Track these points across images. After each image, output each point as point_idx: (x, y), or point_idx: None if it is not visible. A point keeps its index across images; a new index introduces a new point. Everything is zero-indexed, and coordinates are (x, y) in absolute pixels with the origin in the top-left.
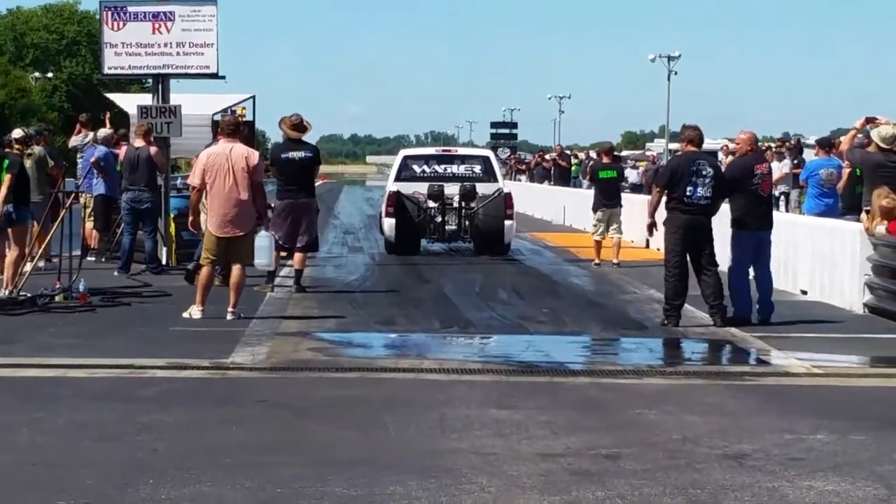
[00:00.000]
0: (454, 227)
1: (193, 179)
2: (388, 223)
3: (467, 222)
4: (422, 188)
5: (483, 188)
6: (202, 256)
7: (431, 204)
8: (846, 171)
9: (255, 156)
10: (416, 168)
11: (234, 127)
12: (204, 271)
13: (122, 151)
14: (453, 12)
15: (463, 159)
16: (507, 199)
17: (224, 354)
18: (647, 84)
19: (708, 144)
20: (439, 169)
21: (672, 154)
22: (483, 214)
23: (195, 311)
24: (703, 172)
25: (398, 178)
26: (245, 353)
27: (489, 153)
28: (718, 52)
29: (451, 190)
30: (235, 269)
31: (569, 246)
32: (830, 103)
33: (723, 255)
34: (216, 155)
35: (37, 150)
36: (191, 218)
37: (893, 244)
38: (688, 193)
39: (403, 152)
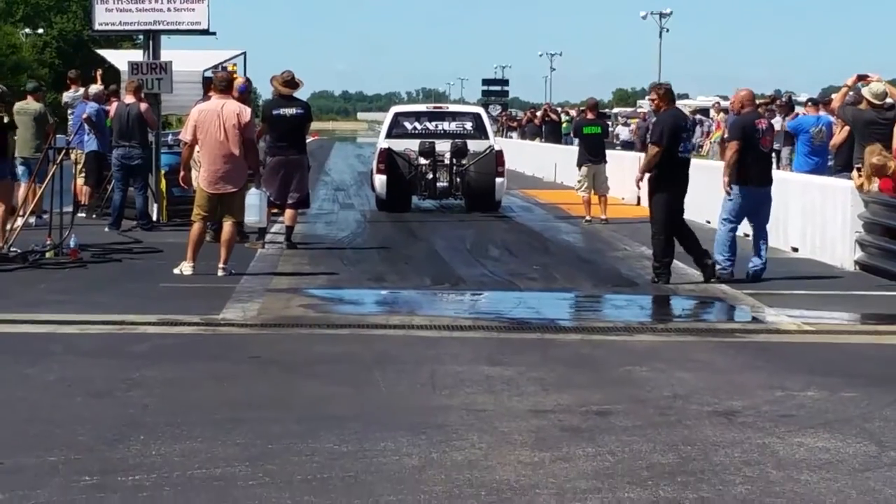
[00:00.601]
0: (445, 184)
1: (185, 135)
2: (380, 180)
3: (458, 179)
4: (413, 145)
5: (474, 145)
6: (193, 213)
7: (423, 161)
8: (845, 129)
9: (246, 112)
10: (408, 125)
11: (227, 83)
12: (195, 227)
13: (112, 108)
14: None
15: (454, 116)
16: (498, 157)
17: (215, 311)
18: (638, 41)
19: (700, 102)
20: (430, 126)
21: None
22: (474, 171)
23: (186, 268)
24: (687, 127)
25: (389, 135)
26: (236, 309)
27: (480, 110)
28: (710, 10)
29: (443, 147)
30: (226, 226)
31: (559, 203)
32: (822, 61)
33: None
34: (208, 111)
35: (37, 106)
36: (182, 173)
37: (885, 201)
38: (680, 150)
39: (394, 109)
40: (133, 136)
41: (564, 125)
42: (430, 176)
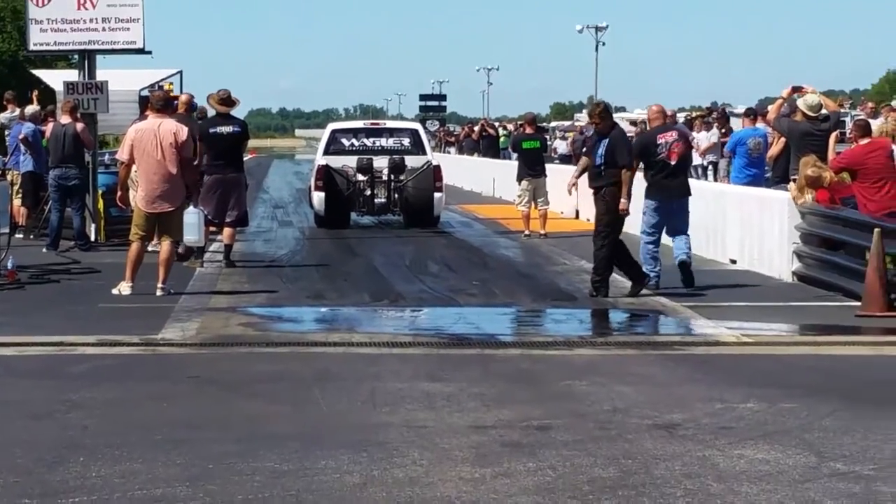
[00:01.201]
0: (383, 200)
1: (122, 154)
2: (318, 197)
3: (396, 195)
4: (351, 162)
5: (412, 161)
6: (132, 232)
7: (360, 177)
8: (781, 141)
9: (183, 131)
10: (345, 141)
11: (164, 102)
12: (133, 247)
13: (48, 128)
14: None
15: (391, 132)
16: (435, 172)
17: (154, 330)
18: (575, 55)
19: (637, 115)
20: (368, 142)
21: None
22: (412, 187)
23: (125, 288)
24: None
25: (327, 152)
26: (175, 328)
27: (417, 126)
28: (646, 23)
29: (380, 163)
30: (164, 245)
31: (498, 217)
32: (758, 73)
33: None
34: (145, 130)
35: None
36: (119, 193)
37: (821, 212)
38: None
39: (332, 126)
40: (69, 157)
41: (502, 140)
42: (368, 192)
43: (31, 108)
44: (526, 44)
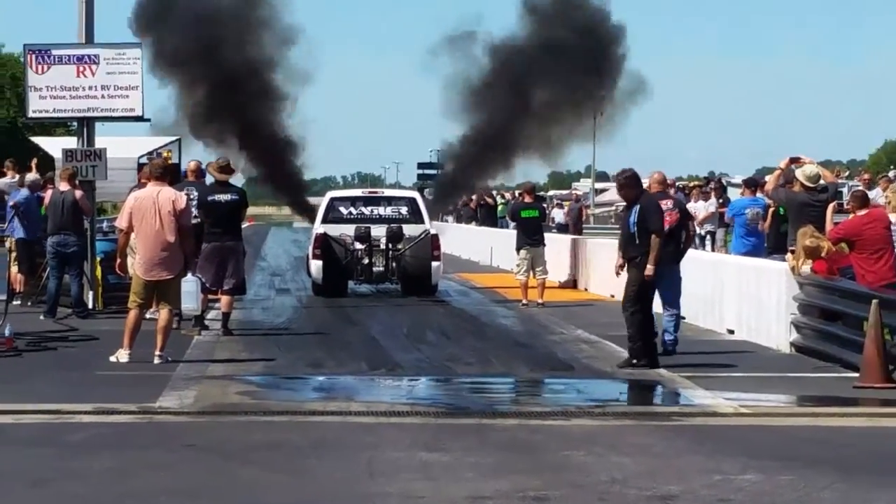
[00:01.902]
0: (381, 269)
1: (121, 222)
2: (315, 265)
3: (394, 264)
4: (349, 230)
5: (410, 229)
6: (130, 300)
7: (358, 245)
8: (770, 211)
9: (182, 199)
10: (343, 210)
11: (163, 170)
12: (131, 315)
13: (47, 195)
14: (378, 51)
15: (389, 201)
16: (433, 241)
17: (151, 398)
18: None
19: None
20: (366, 211)
21: (594, 194)
22: (410, 256)
23: (122, 355)
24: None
25: (325, 220)
26: (172, 396)
27: (415, 194)
28: (643, 92)
29: (378, 231)
30: (163, 313)
31: (496, 286)
32: (755, 143)
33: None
34: (143, 198)
35: None
36: (118, 261)
37: (819, 283)
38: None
39: (330, 194)
40: (68, 224)
41: (500, 208)
42: (366, 261)
43: (31, 176)
44: None
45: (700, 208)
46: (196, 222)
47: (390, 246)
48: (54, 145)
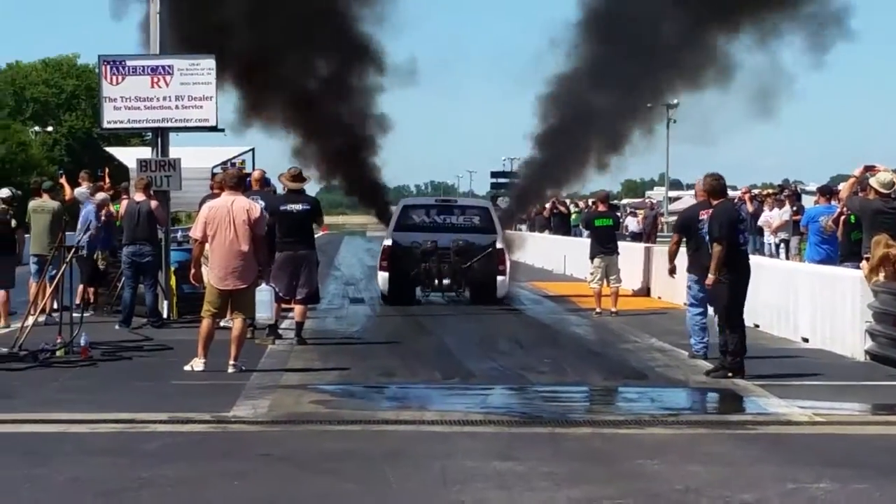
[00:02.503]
0: (448, 281)
1: (195, 232)
2: (382, 277)
3: (461, 277)
4: (420, 238)
5: (480, 239)
6: (203, 309)
7: (426, 259)
8: (842, 219)
9: (256, 209)
10: (416, 217)
11: (237, 180)
12: (205, 324)
13: (123, 205)
14: (450, 62)
15: (462, 210)
16: (499, 255)
17: (225, 408)
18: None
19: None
20: (438, 219)
21: (667, 202)
22: (476, 269)
23: (197, 364)
24: (742, 217)
25: (398, 228)
26: (246, 406)
27: (488, 204)
28: (717, 98)
29: (446, 243)
30: (237, 322)
31: (569, 295)
32: (830, 150)
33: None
34: (218, 208)
35: (54, 204)
36: (192, 271)
37: (894, 291)
38: (741, 241)
39: (403, 202)
40: (143, 234)
41: (573, 217)
42: (434, 272)
43: (102, 196)
44: None
45: (774, 216)
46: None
47: (457, 258)
48: (129, 155)
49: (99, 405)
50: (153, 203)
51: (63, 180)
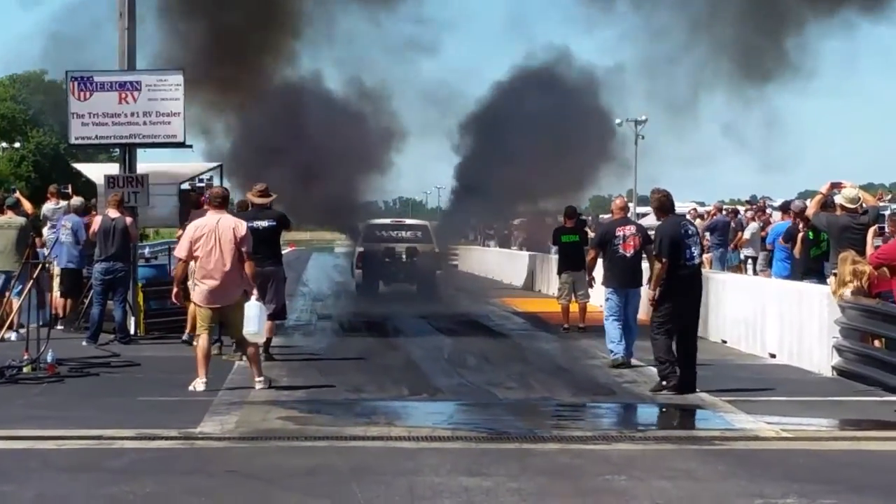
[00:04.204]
0: (402, 275)
1: (180, 251)
2: (358, 273)
3: (411, 272)
4: (380, 247)
5: (422, 247)
6: (198, 326)
7: (387, 259)
8: (800, 236)
9: (242, 227)
10: (377, 233)
11: (222, 199)
12: (201, 342)
13: (95, 221)
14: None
15: (409, 227)
16: (436, 256)
17: (193, 424)
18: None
19: (677, 208)
20: (393, 234)
21: (636, 218)
22: (420, 267)
23: (199, 385)
24: (690, 232)
25: (366, 240)
26: (214, 422)
27: (427, 223)
28: (685, 116)
29: (400, 248)
30: (249, 349)
31: (537, 311)
32: (796, 166)
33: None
34: (203, 226)
35: (21, 220)
36: (174, 289)
37: (861, 307)
38: (687, 257)
39: (368, 222)
40: (117, 250)
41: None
42: (392, 270)
43: (77, 200)
44: None
45: (752, 230)
46: None
47: (408, 259)
48: (96, 171)
49: (66, 422)
50: (128, 219)
51: (18, 195)
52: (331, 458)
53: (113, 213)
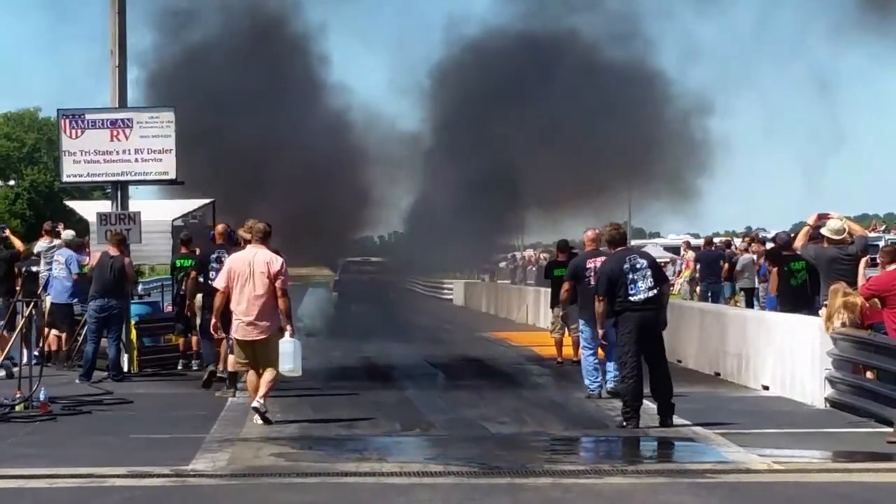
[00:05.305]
0: (365, 297)
1: (218, 282)
2: (335, 295)
3: (371, 296)
4: (350, 277)
5: (379, 278)
6: (236, 363)
7: (354, 286)
8: (773, 270)
9: (277, 262)
10: (350, 267)
11: (263, 234)
12: (249, 378)
13: (94, 258)
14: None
15: (372, 264)
16: (388, 284)
17: (185, 461)
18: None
19: (670, 240)
20: (361, 268)
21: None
22: (377, 291)
23: (255, 402)
24: (638, 266)
25: (342, 272)
26: (206, 459)
27: (384, 260)
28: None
29: (364, 278)
30: (266, 372)
31: (531, 344)
32: (791, 197)
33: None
34: (240, 260)
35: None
36: (213, 320)
37: (853, 338)
38: (630, 292)
39: (344, 259)
40: (113, 288)
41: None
42: (358, 292)
43: (69, 234)
44: None
45: (739, 262)
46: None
47: (370, 285)
48: (89, 209)
49: (58, 460)
50: (126, 259)
51: (9, 233)
52: (322, 495)
53: (113, 252)
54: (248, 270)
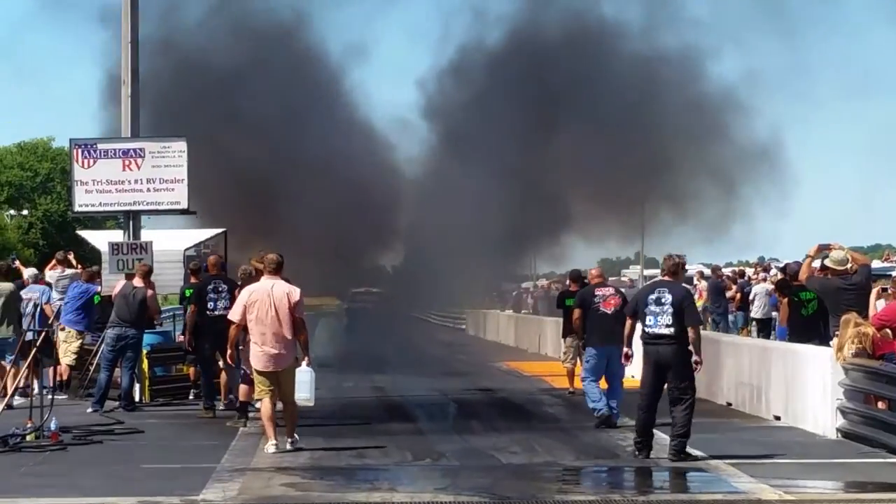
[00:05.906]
0: (366, 320)
1: (234, 315)
2: (345, 319)
3: (371, 312)
4: (356, 304)
5: (378, 306)
6: (257, 391)
7: (358, 311)
8: (784, 301)
9: (296, 293)
10: (356, 296)
11: (276, 265)
12: (264, 405)
13: (118, 287)
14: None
15: (372, 293)
16: (385, 310)
17: (195, 491)
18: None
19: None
20: (364, 297)
21: (643, 280)
22: (376, 316)
23: (270, 447)
24: (663, 300)
25: (349, 301)
26: (216, 489)
27: (378, 290)
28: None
29: (366, 305)
30: (286, 406)
31: (543, 374)
32: (803, 227)
33: None
34: (258, 291)
35: (8, 286)
36: (229, 351)
37: (865, 368)
38: (648, 323)
39: (351, 290)
40: (133, 318)
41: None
42: (361, 316)
43: (31, 272)
44: None
45: (755, 291)
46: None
47: (370, 311)
48: (101, 239)
49: (68, 489)
50: (150, 292)
51: (18, 264)
52: None
53: (137, 283)
54: (268, 301)
